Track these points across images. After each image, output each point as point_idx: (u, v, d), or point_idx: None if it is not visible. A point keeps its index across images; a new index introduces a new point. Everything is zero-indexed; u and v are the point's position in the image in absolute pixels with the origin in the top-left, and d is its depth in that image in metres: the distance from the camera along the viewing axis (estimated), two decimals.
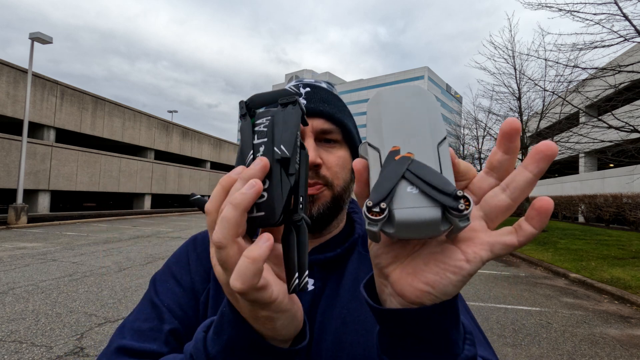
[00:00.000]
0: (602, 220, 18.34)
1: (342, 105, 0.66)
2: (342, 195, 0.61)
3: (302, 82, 0.66)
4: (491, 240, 0.30)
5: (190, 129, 29.61)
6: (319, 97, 0.62)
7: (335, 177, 0.60)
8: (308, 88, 0.63)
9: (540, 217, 0.28)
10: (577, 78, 10.32)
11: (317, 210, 0.58)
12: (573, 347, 3.76)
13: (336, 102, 0.64)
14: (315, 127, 0.59)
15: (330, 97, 0.64)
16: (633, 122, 9.64)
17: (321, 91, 0.64)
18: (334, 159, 0.60)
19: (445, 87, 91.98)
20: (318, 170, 0.58)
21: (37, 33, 13.34)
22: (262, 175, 0.32)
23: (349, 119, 0.65)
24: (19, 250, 8.21)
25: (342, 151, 0.62)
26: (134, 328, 0.56)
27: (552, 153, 0.28)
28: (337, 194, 0.60)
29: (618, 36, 7.83)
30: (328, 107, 0.61)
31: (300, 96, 0.38)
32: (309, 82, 0.66)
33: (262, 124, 0.36)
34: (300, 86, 0.64)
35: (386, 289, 0.34)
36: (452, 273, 0.30)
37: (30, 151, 16.41)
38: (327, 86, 0.67)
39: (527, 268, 8.30)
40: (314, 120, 0.59)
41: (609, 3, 7.72)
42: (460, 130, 29.62)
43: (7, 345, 3.34)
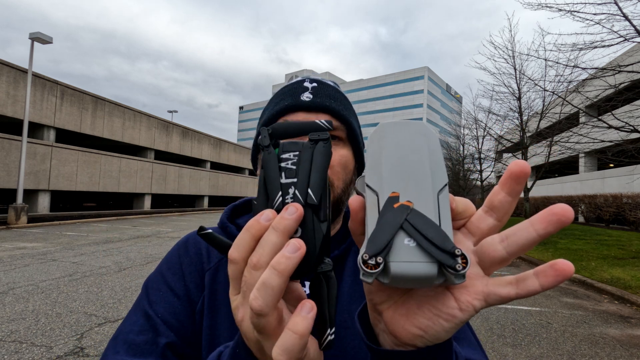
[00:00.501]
0: (602, 220, 18.35)
1: (348, 104, 0.65)
2: (342, 196, 0.59)
3: (309, 78, 0.64)
4: (487, 290, 0.29)
5: (190, 129, 29.61)
6: (325, 92, 0.60)
7: (336, 177, 0.58)
8: (315, 83, 0.62)
9: (555, 279, 0.26)
10: (577, 78, 10.33)
11: None
12: (573, 347, 3.76)
13: (342, 100, 0.63)
14: None
15: (337, 95, 0.63)
16: (633, 122, 9.64)
17: (328, 87, 0.62)
18: (336, 157, 0.58)
19: (445, 87, 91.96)
20: None
21: (37, 33, 13.34)
22: (297, 226, 0.29)
23: (354, 118, 0.64)
24: (19, 250, 8.22)
25: (345, 150, 0.60)
26: (128, 341, 0.54)
27: (567, 220, 0.25)
28: (337, 195, 0.58)
29: (618, 36, 7.84)
30: (335, 103, 0.60)
31: (328, 130, 0.34)
32: (316, 77, 0.65)
33: (290, 160, 0.33)
34: (306, 80, 0.63)
35: (379, 324, 0.34)
36: (444, 320, 0.30)
37: (30, 151, 16.42)
38: (332, 84, 0.66)
39: (527, 268, 8.30)
40: (318, 115, 0.58)
41: (609, 3, 7.72)
42: (460, 130, 29.63)
43: (7, 345, 3.34)
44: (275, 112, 0.59)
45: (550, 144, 14.40)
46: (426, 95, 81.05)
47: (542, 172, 15.84)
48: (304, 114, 0.57)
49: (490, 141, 23.47)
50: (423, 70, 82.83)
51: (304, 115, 0.57)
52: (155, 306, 0.57)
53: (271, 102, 0.63)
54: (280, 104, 0.59)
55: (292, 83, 0.63)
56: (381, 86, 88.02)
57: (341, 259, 0.62)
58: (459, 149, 32.19)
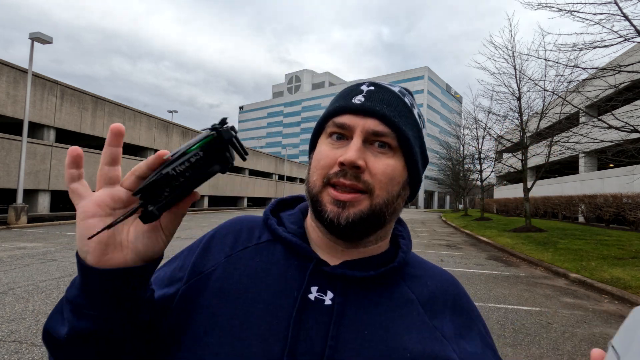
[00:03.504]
0: (602, 220, 18.34)
1: (407, 112, 0.58)
2: (383, 208, 0.53)
3: (370, 82, 0.60)
4: None
5: (190, 128, 29.62)
6: (378, 97, 0.56)
7: (378, 186, 0.53)
8: (372, 87, 0.58)
9: None
10: (577, 78, 10.33)
11: (347, 217, 0.51)
12: (573, 347, 3.76)
13: (399, 107, 0.57)
14: (366, 127, 0.53)
15: (394, 100, 0.57)
16: (633, 122, 9.64)
17: (384, 92, 0.57)
18: (381, 165, 0.53)
19: (445, 87, 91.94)
20: (359, 174, 0.52)
21: (37, 33, 13.33)
22: (147, 163, 0.43)
23: (411, 126, 0.57)
24: (19, 250, 8.21)
25: (392, 160, 0.54)
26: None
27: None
28: (377, 205, 0.53)
29: (618, 36, 7.84)
30: (386, 108, 0.55)
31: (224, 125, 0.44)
32: (378, 82, 0.60)
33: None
34: (365, 84, 0.59)
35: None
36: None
37: (30, 151, 16.42)
38: (398, 90, 0.60)
39: (527, 268, 8.30)
40: (367, 119, 0.54)
41: (609, 3, 7.72)
42: (460, 130, 29.63)
43: (7, 345, 3.34)
44: (327, 113, 0.58)
45: (550, 144, 14.41)
46: (426, 95, 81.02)
47: (542, 172, 15.84)
48: (351, 116, 0.54)
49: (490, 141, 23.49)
50: (423, 70, 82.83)
51: (351, 117, 0.54)
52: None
53: (331, 101, 0.61)
54: (333, 105, 0.58)
55: (351, 85, 0.61)
56: None
57: (374, 282, 0.56)
58: (459, 149, 32.20)
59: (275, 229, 0.60)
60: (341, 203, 0.51)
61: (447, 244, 12.65)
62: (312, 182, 0.55)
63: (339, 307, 0.52)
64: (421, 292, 0.57)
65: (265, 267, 0.56)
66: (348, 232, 0.53)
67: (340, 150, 0.53)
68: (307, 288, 0.53)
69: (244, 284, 0.54)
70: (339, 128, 0.54)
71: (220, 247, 0.60)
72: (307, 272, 0.54)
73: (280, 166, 47.70)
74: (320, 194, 0.54)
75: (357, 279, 0.55)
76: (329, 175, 0.53)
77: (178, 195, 0.42)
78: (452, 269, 7.76)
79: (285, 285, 0.53)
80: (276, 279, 0.54)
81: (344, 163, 0.51)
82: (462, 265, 8.35)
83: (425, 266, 0.64)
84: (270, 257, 0.57)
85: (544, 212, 24.63)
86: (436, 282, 0.60)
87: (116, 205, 0.44)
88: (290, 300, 0.51)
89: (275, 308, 0.51)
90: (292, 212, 0.66)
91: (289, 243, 0.57)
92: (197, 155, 0.41)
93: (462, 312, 0.59)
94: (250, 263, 0.57)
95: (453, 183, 38.70)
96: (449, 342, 0.53)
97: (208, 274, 0.56)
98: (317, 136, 0.59)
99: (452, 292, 0.60)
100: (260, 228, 0.63)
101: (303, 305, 0.51)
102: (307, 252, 0.56)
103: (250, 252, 0.59)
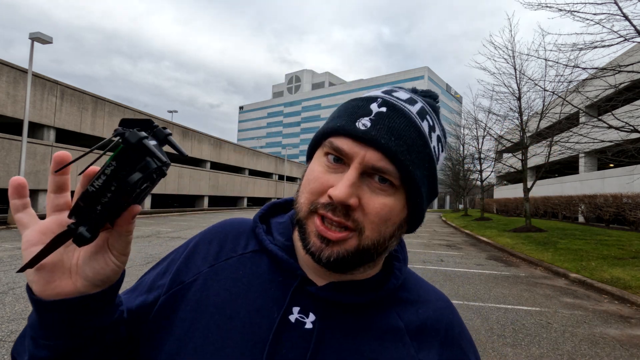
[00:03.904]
0: (602, 220, 18.34)
1: (421, 145, 0.49)
2: (372, 250, 0.48)
3: (383, 97, 0.51)
4: None
5: (190, 128, 29.62)
6: (389, 124, 0.47)
7: (369, 227, 0.47)
8: (384, 108, 0.49)
9: None
10: (577, 78, 10.33)
11: (329, 256, 0.46)
12: (573, 347, 3.76)
13: (411, 138, 0.48)
14: (367, 160, 0.46)
15: (406, 130, 0.48)
16: (633, 122, 9.64)
17: (397, 118, 0.48)
18: (377, 205, 0.46)
19: (445, 87, 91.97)
20: (350, 212, 0.46)
21: (36, 33, 13.33)
22: (81, 183, 0.41)
23: (420, 163, 0.48)
24: (19, 250, 8.21)
25: (393, 199, 0.47)
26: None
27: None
28: (365, 246, 0.47)
29: (618, 36, 7.84)
30: (394, 141, 0.46)
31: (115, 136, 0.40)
32: (393, 101, 0.50)
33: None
34: (377, 100, 0.50)
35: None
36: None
37: (30, 151, 16.42)
38: (418, 110, 0.50)
39: (527, 268, 8.30)
40: (369, 150, 0.46)
41: (609, 3, 7.72)
42: (460, 130, 29.64)
43: (7, 345, 3.34)
44: (325, 130, 0.50)
45: (550, 144, 14.41)
46: None
47: (542, 172, 15.85)
48: (352, 142, 0.46)
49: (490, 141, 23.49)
50: (423, 70, 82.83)
51: (351, 144, 0.46)
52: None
53: (335, 112, 0.53)
54: (335, 121, 0.49)
55: (361, 98, 0.52)
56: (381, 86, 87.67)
57: (370, 309, 0.53)
58: (459, 149, 32.21)
59: (262, 240, 0.56)
60: (326, 240, 0.46)
61: (447, 244, 12.65)
62: (299, 204, 0.50)
63: (319, 333, 0.48)
64: (410, 321, 0.54)
65: (247, 281, 0.52)
66: (330, 268, 0.49)
67: (333, 177, 0.47)
68: (288, 308, 0.50)
69: (223, 298, 0.51)
70: (335, 152, 0.48)
71: (204, 255, 0.57)
72: (289, 291, 0.51)
73: (280, 166, 47.71)
74: (305, 220, 0.48)
75: (342, 304, 0.51)
76: (317, 204, 0.47)
77: (108, 212, 0.39)
78: (452, 269, 7.76)
79: (266, 303, 0.50)
80: (257, 295, 0.51)
81: (332, 198, 0.45)
82: (462, 265, 8.35)
83: (419, 290, 0.59)
84: (254, 269, 0.54)
85: (544, 212, 24.63)
86: (429, 309, 0.56)
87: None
88: (270, 319, 0.48)
89: (253, 327, 0.48)
90: (283, 220, 0.60)
91: (274, 256, 0.54)
92: (110, 166, 0.38)
93: (453, 345, 0.55)
94: (232, 275, 0.53)
95: (453, 183, 38.69)
96: None
97: (189, 284, 0.53)
98: (315, 147, 0.53)
99: (445, 321, 0.56)
100: (247, 235, 0.59)
101: (282, 326, 0.48)
102: (293, 268, 0.52)
103: (234, 263, 0.55)
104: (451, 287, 6.14)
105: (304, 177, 0.51)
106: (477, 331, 4.11)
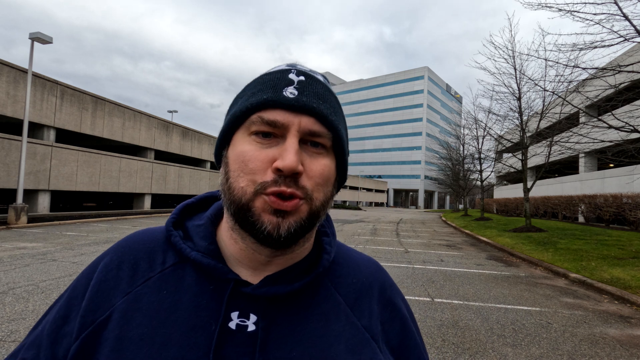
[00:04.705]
0: (602, 220, 18.34)
1: (338, 106, 0.53)
2: (321, 211, 0.49)
3: (296, 68, 0.52)
4: None
5: (190, 128, 29.60)
6: (313, 90, 0.49)
7: (315, 190, 0.48)
8: (302, 76, 0.50)
9: None
10: (577, 78, 10.34)
11: (288, 228, 0.46)
12: (573, 347, 3.76)
13: (332, 101, 0.52)
14: (303, 126, 0.47)
15: (327, 94, 0.51)
16: (633, 122, 9.65)
17: (317, 84, 0.51)
18: (318, 167, 0.48)
19: (445, 87, 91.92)
20: (297, 179, 0.46)
21: (36, 33, 13.32)
22: None
23: (342, 123, 0.53)
24: (19, 250, 8.21)
25: (327, 160, 0.49)
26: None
27: None
28: (315, 209, 0.48)
29: (618, 36, 7.84)
30: (323, 105, 0.49)
31: None
32: (304, 69, 0.53)
33: None
34: (292, 71, 0.51)
35: None
36: None
37: (30, 151, 16.42)
38: (323, 79, 0.54)
39: (527, 268, 8.30)
40: (302, 117, 0.47)
41: (609, 3, 7.72)
42: (460, 130, 29.64)
43: (7, 345, 3.34)
44: (250, 105, 0.48)
45: (550, 144, 14.41)
46: (426, 95, 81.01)
47: (542, 172, 15.84)
48: (284, 112, 0.47)
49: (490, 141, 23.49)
50: (423, 70, 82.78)
51: (284, 114, 0.46)
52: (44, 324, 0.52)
53: (246, 90, 0.52)
54: (257, 96, 0.48)
55: (275, 72, 0.52)
56: (381, 86, 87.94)
57: (301, 295, 0.52)
58: (459, 149, 32.21)
59: (182, 249, 0.52)
60: (281, 213, 0.45)
61: (447, 244, 12.65)
62: (237, 189, 0.46)
63: (263, 332, 0.47)
64: (347, 292, 0.55)
65: (173, 300, 0.48)
66: (287, 243, 0.47)
67: (271, 151, 0.46)
68: (226, 315, 0.47)
69: (150, 327, 0.46)
70: (268, 126, 0.46)
71: (114, 283, 0.50)
72: (224, 298, 0.48)
73: None
74: (251, 203, 0.45)
75: (281, 296, 0.50)
76: (263, 184, 0.45)
77: None
78: (452, 269, 7.76)
79: (200, 318, 0.46)
80: (189, 313, 0.47)
81: (282, 170, 0.44)
82: (462, 265, 8.35)
83: (349, 260, 0.60)
84: (178, 285, 0.49)
85: (544, 212, 24.63)
86: (361, 276, 0.58)
87: None
88: (208, 334, 0.45)
89: (190, 348, 0.44)
90: (201, 222, 0.56)
91: (199, 265, 0.50)
92: None
93: (388, 303, 0.58)
94: (154, 298, 0.48)
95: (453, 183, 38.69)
96: (377, 342, 0.53)
97: (103, 322, 0.47)
98: (232, 131, 0.50)
99: (377, 283, 0.59)
100: (162, 248, 0.53)
101: (223, 336, 0.45)
102: (223, 272, 0.49)
103: (154, 284, 0.49)
104: (451, 287, 6.14)
105: (233, 163, 0.48)
106: (477, 331, 4.11)
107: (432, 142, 51.27)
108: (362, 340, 0.51)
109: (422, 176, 79.48)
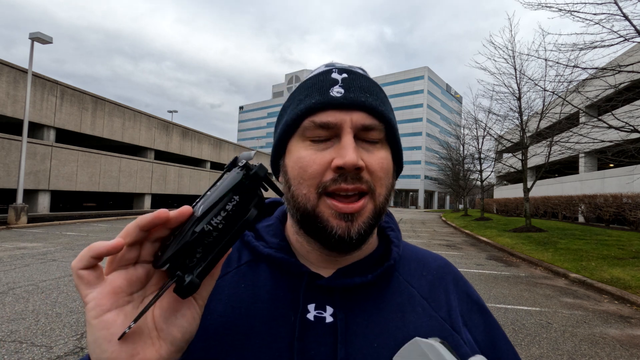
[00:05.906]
0: (602, 220, 18.34)
1: (384, 96, 0.53)
2: (384, 207, 0.50)
3: (336, 67, 0.53)
4: None
5: (190, 128, 29.61)
6: (358, 85, 0.50)
7: (378, 184, 0.48)
8: (345, 74, 0.51)
9: None
10: (577, 78, 10.33)
11: (359, 230, 0.46)
12: (573, 347, 3.76)
13: (378, 92, 0.52)
14: (355, 122, 0.47)
15: (372, 86, 0.51)
16: (633, 122, 9.64)
17: (360, 78, 0.51)
18: (376, 161, 0.48)
19: (445, 87, 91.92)
20: (360, 174, 0.46)
21: (36, 33, 13.32)
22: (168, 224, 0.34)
23: (392, 112, 0.53)
24: (19, 250, 8.21)
25: (384, 152, 0.50)
26: None
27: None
28: (380, 205, 0.49)
29: (618, 36, 7.83)
30: (370, 97, 0.49)
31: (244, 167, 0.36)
32: (344, 66, 0.53)
33: (220, 179, 0.38)
34: (334, 71, 0.51)
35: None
36: None
37: (30, 151, 16.41)
38: (363, 72, 0.55)
39: (527, 268, 8.30)
40: (353, 113, 0.47)
41: (609, 3, 7.72)
42: (460, 130, 29.63)
43: (7, 345, 3.34)
44: (300, 111, 0.48)
45: (550, 144, 14.41)
46: (426, 95, 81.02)
47: (542, 172, 15.84)
48: (335, 112, 0.47)
49: (490, 141, 23.48)
50: (423, 70, 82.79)
51: (335, 114, 0.47)
52: None
53: (293, 98, 0.52)
54: (305, 101, 0.49)
55: (317, 75, 0.52)
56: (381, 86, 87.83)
57: (374, 287, 0.52)
58: (459, 149, 32.20)
59: (256, 246, 0.54)
60: (348, 216, 0.46)
61: (447, 244, 12.65)
62: (300, 196, 0.47)
63: (342, 323, 0.47)
64: (420, 285, 0.55)
65: (252, 294, 0.49)
66: (358, 244, 0.48)
67: (327, 153, 0.47)
68: (303, 308, 0.48)
69: (232, 317, 0.47)
70: (321, 129, 0.47)
71: None
72: (300, 290, 0.49)
73: None
74: (317, 209, 0.46)
75: (355, 287, 0.50)
76: (324, 184, 0.46)
77: (218, 254, 0.35)
78: None
79: (279, 310, 0.48)
80: (268, 305, 0.48)
81: (344, 167, 0.44)
82: (462, 265, 8.35)
83: (417, 254, 0.61)
84: (255, 280, 0.51)
85: (544, 212, 24.62)
86: (432, 269, 0.58)
87: (134, 288, 0.35)
88: (288, 325, 0.46)
89: (273, 339, 0.45)
90: (270, 222, 0.58)
91: (273, 260, 0.52)
92: (232, 200, 0.34)
93: (463, 295, 0.57)
94: (234, 292, 0.50)
95: (453, 183, 38.67)
96: (459, 334, 0.51)
97: None
98: (286, 139, 0.51)
99: (449, 276, 0.59)
100: (237, 247, 0.56)
101: (303, 327, 0.46)
102: (297, 267, 0.50)
103: (232, 278, 0.51)
104: None
105: (292, 170, 0.49)
106: None
107: (432, 142, 51.38)
108: (443, 332, 0.50)
109: (422, 176, 79.44)
